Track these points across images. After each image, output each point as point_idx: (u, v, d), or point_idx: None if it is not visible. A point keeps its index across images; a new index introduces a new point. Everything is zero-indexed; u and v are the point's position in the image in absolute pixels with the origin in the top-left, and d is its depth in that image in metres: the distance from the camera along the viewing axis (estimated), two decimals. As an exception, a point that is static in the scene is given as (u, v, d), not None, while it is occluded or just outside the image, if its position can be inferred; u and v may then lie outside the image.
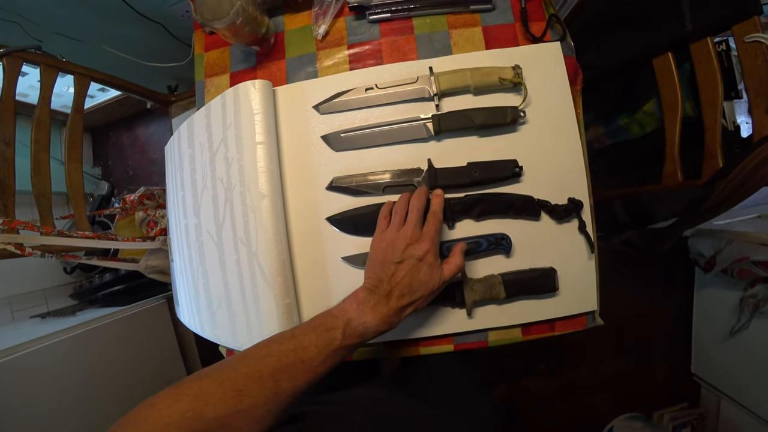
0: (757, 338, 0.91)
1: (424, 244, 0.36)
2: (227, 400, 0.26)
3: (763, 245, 0.83)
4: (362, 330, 0.33)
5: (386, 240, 0.38)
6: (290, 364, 0.29)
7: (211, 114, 0.52)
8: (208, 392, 0.26)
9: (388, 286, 0.35)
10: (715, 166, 0.55)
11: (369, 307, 0.34)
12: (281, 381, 0.28)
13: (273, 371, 0.28)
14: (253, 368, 0.28)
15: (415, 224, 0.38)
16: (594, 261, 0.47)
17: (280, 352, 0.30)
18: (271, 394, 0.27)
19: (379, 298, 0.34)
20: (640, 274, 1.17)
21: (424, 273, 0.35)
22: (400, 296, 0.35)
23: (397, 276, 0.35)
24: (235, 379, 0.27)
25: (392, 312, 0.34)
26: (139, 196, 0.92)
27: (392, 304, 0.34)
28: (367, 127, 0.48)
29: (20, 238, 0.67)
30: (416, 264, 0.35)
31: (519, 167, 0.45)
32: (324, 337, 0.31)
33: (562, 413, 1.18)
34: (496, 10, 0.50)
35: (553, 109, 0.47)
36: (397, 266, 0.36)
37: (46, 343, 0.83)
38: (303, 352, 0.30)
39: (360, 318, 0.33)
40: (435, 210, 0.40)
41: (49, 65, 0.79)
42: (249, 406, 0.26)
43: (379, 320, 0.33)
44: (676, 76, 0.59)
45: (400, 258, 0.36)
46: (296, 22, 0.54)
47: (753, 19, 0.50)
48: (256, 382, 0.27)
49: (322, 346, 0.30)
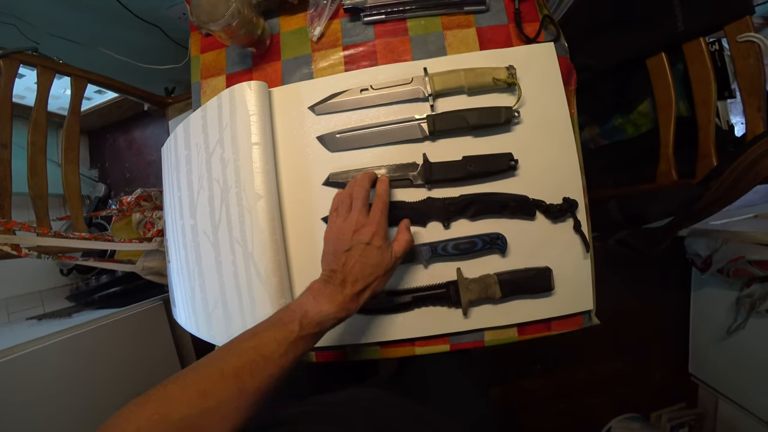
0: (754, 338, 0.91)
1: (369, 228, 0.37)
2: (192, 401, 0.27)
3: (759, 245, 0.83)
4: (318, 319, 0.33)
5: (334, 230, 0.40)
6: (251, 361, 0.29)
7: (207, 115, 0.52)
8: (172, 396, 0.27)
9: (341, 275, 0.36)
10: (709, 165, 0.55)
11: (325, 297, 0.35)
12: (244, 378, 0.28)
13: (234, 369, 0.29)
14: (215, 368, 0.29)
15: (360, 211, 0.39)
16: (589, 260, 0.47)
17: (240, 350, 0.30)
18: (236, 391, 0.28)
19: (334, 288, 0.35)
20: (637, 275, 1.17)
21: (373, 256, 0.36)
22: (354, 282, 0.35)
23: (348, 264, 0.36)
24: (198, 381, 0.28)
25: (348, 299, 0.35)
26: (136, 197, 0.92)
27: (347, 291, 0.35)
28: (362, 127, 0.48)
29: (17, 239, 0.67)
30: (364, 249, 0.36)
31: (514, 160, 0.45)
32: (282, 331, 0.32)
33: (559, 414, 1.18)
34: (490, 12, 0.51)
35: (547, 109, 0.47)
36: (346, 254, 0.37)
37: (43, 344, 0.83)
38: (263, 348, 0.30)
39: (316, 308, 0.34)
40: (379, 193, 0.41)
41: (46, 67, 0.79)
42: (214, 405, 0.27)
43: (335, 308, 0.34)
44: (670, 76, 0.59)
45: (349, 246, 0.37)
46: (291, 24, 0.55)
47: (745, 19, 0.50)
48: (219, 382, 0.28)
49: (281, 340, 0.31)
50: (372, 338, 0.47)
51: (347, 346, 0.48)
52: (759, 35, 0.49)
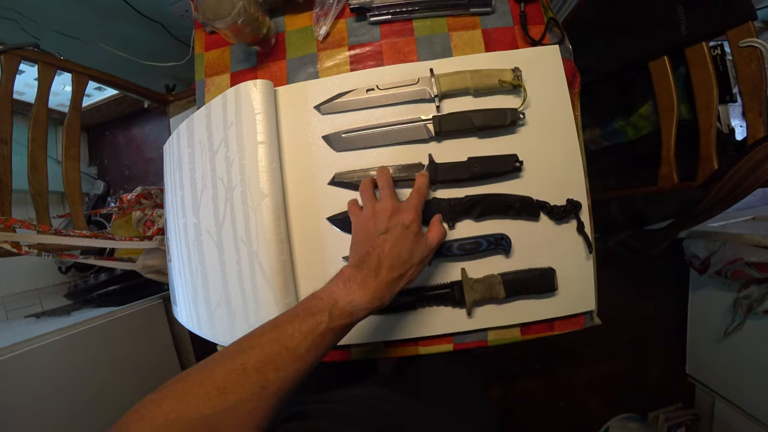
0: (751, 339, 0.92)
1: (408, 213, 0.36)
2: (211, 398, 0.24)
3: (758, 247, 0.84)
4: (350, 309, 0.30)
5: (366, 217, 0.38)
6: (275, 354, 0.27)
7: (211, 113, 0.52)
8: (190, 392, 0.25)
9: (376, 259, 0.33)
10: (710, 168, 0.56)
11: (357, 284, 0.31)
12: (267, 373, 0.26)
13: (257, 363, 0.26)
14: (237, 363, 0.26)
15: (392, 195, 0.38)
16: (592, 261, 0.47)
17: (263, 343, 0.28)
18: (258, 388, 0.25)
19: (367, 273, 0.32)
20: (635, 275, 1.18)
21: (412, 241, 0.34)
22: (391, 267, 0.33)
23: (385, 246, 0.33)
24: (217, 376, 0.26)
25: (383, 286, 0.32)
26: (136, 195, 0.91)
27: (382, 277, 0.32)
28: (367, 127, 0.48)
29: (17, 237, 0.67)
30: (403, 232, 0.34)
31: (519, 162, 0.45)
32: (309, 322, 0.29)
33: (557, 414, 1.18)
34: (496, 13, 0.51)
35: (552, 112, 0.48)
36: (383, 237, 0.34)
37: (41, 343, 0.82)
38: (288, 341, 0.28)
39: (347, 297, 0.31)
40: (419, 186, 0.40)
41: (47, 63, 0.78)
42: (235, 403, 0.25)
43: (369, 296, 0.31)
44: (672, 79, 0.60)
45: (386, 228, 0.35)
46: (297, 22, 0.55)
47: (747, 24, 0.51)
48: (240, 377, 0.26)
49: (307, 332, 0.28)
50: (376, 337, 0.48)
51: (351, 345, 0.49)
52: (761, 41, 0.50)
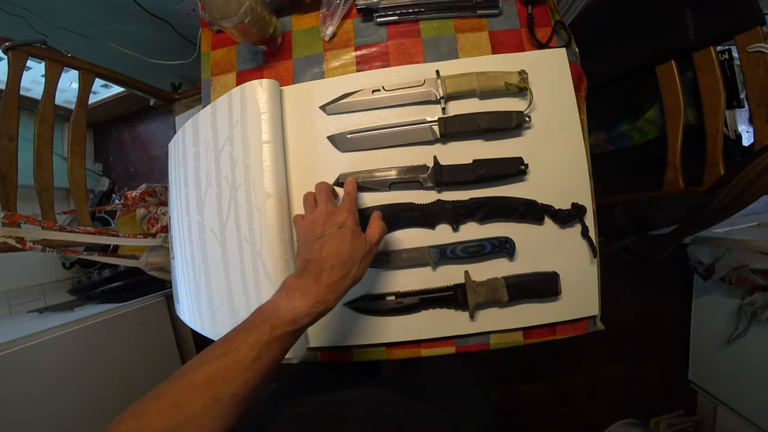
0: (755, 346, 0.91)
1: (341, 213, 0.37)
2: (164, 413, 0.26)
3: (762, 253, 0.83)
4: (292, 316, 0.31)
5: (304, 223, 0.39)
6: (222, 368, 0.28)
7: (217, 112, 0.52)
8: (146, 410, 0.26)
9: (316, 264, 0.34)
10: (716, 173, 0.55)
11: (298, 292, 0.33)
12: (216, 386, 0.28)
13: (206, 378, 0.28)
14: (187, 379, 0.28)
15: (326, 201, 0.39)
16: (596, 266, 0.47)
17: (212, 358, 0.29)
18: (209, 401, 0.27)
19: (308, 280, 0.33)
20: (639, 280, 1.17)
21: (349, 240, 0.35)
22: (331, 270, 0.34)
23: (324, 250, 0.35)
24: (171, 393, 0.27)
25: (324, 289, 0.33)
26: (140, 192, 0.92)
27: (323, 281, 0.33)
28: (373, 128, 0.48)
29: (21, 232, 0.67)
30: (339, 232, 0.35)
31: (524, 165, 0.45)
32: (253, 334, 0.30)
33: (558, 418, 1.18)
34: (503, 16, 0.51)
35: (558, 115, 0.47)
36: (320, 241, 0.35)
37: (44, 338, 0.83)
38: (234, 354, 0.29)
39: (288, 305, 0.32)
40: (348, 190, 0.42)
41: (54, 60, 0.79)
42: (188, 416, 0.26)
43: (311, 302, 0.32)
44: (679, 84, 0.59)
45: (321, 231, 0.36)
46: (304, 22, 0.55)
47: (755, 30, 0.51)
48: (190, 392, 0.27)
49: (252, 344, 0.30)
50: (378, 339, 0.48)
51: (353, 347, 0.49)
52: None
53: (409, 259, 0.47)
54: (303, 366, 0.50)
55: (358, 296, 0.48)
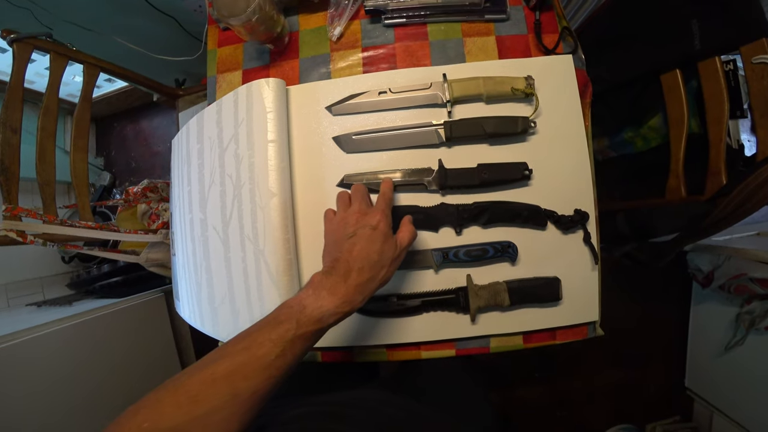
0: (752, 354, 0.91)
1: (375, 215, 0.36)
2: (182, 407, 0.25)
3: (762, 262, 0.83)
4: (318, 315, 0.31)
5: (336, 221, 0.38)
6: (244, 363, 0.28)
7: (222, 110, 0.52)
8: (163, 401, 0.26)
9: (345, 263, 0.33)
10: (718, 182, 0.56)
11: (326, 290, 0.32)
12: (237, 381, 0.27)
13: (227, 373, 0.27)
14: (207, 372, 0.27)
15: (361, 201, 0.38)
16: (597, 272, 0.47)
17: (233, 352, 0.29)
18: (229, 396, 0.26)
19: (336, 279, 0.33)
20: (639, 287, 1.17)
21: (380, 242, 0.34)
22: (360, 270, 0.33)
23: (354, 250, 0.34)
24: (189, 386, 0.27)
25: (352, 290, 0.32)
26: (142, 188, 0.91)
27: (351, 281, 0.32)
28: (378, 130, 0.48)
29: (23, 226, 0.67)
30: (371, 234, 0.34)
31: (529, 170, 0.45)
32: (277, 330, 0.29)
33: (555, 422, 1.18)
34: (510, 21, 0.51)
35: (563, 121, 0.48)
36: (351, 240, 0.35)
37: (42, 332, 0.83)
38: (257, 349, 0.28)
39: (315, 303, 0.31)
40: (384, 191, 0.41)
41: (59, 53, 0.79)
42: (206, 411, 0.25)
43: (338, 301, 0.31)
44: (683, 92, 0.60)
45: (353, 231, 0.35)
46: (311, 22, 0.55)
47: (761, 41, 0.51)
48: (210, 386, 0.26)
49: (276, 340, 0.29)
50: (379, 340, 0.48)
51: (354, 347, 0.49)
52: (775, 57, 0.50)
53: (412, 261, 0.47)
54: (303, 366, 0.50)
55: (359, 297, 0.48)
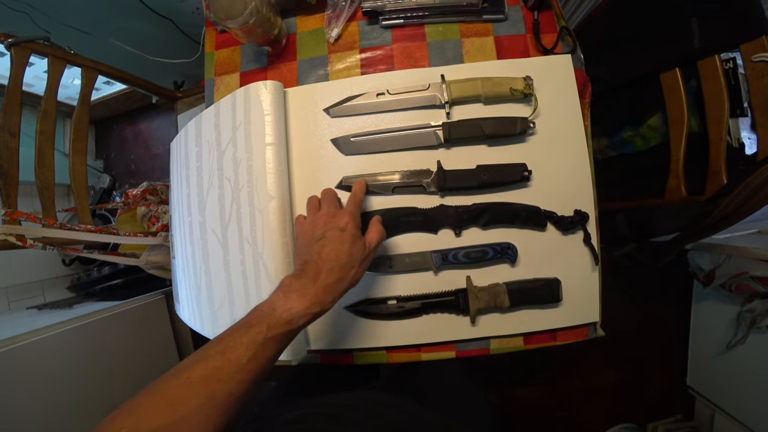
0: (753, 353, 0.91)
1: (343, 217, 0.37)
2: (160, 410, 0.26)
3: (763, 261, 0.83)
4: (288, 317, 0.31)
5: (306, 224, 0.39)
6: (218, 367, 0.28)
7: (220, 113, 0.52)
8: (141, 407, 0.26)
9: (314, 265, 0.34)
10: (719, 182, 0.56)
11: (295, 292, 0.33)
12: (212, 384, 0.28)
13: (202, 376, 0.28)
14: (183, 377, 0.28)
15: (330, 203, 0.39)
16: (597, 273, 0.47)
17: (208, 356, 0.29)
18: (205, 399, 0.27)
19: (305, 281, 0.33)
20: (639, 286, 1.17)
21: (348, 243, 0.35)
22: (330, 272, 0.34)
23: (323, 252, 0.35)
24: (166, 391, 0.27)
25: (321, 291, 0.33)
26: (141, 191, 0.91)
27: (320, 282, 0.33)
28: (377, 132, 0.48)
29: (22, 230, 0.67)
30: (339, 235, 0.35)
31: (528, 171, 0.45)
32: (249, 333, 0.30)
33: (556, 422, 1.18)
34: (509, 21, 0.51)
35: (563, 121, 0.47)
36: (320, 243, 0.35)
37: (43, 335, 0.83)
38: (230, 353, 0.29)
39: (285, 305, 0.32)
40: (355, 192, 0.41)
41: (57, 57, 0.79)
42: (184, 414, 0.26)
43: (307, 303, 0.32)
44: (683, 91, 0.59)
45: (322, 233, 0.36)
46: (309, 24, 0.55)
47: (761, 39, 0.51)
48: (186, 390, 0.27)
49: (248, 343, 0.30)
50: (379, 343, 0.48)
51: (354, 350, 0.48)
52: (774, 55, 0.50)
53: (412, 263, 0.47)
54: (303, 368, 0.50)
55: (359, 300, 0.48)
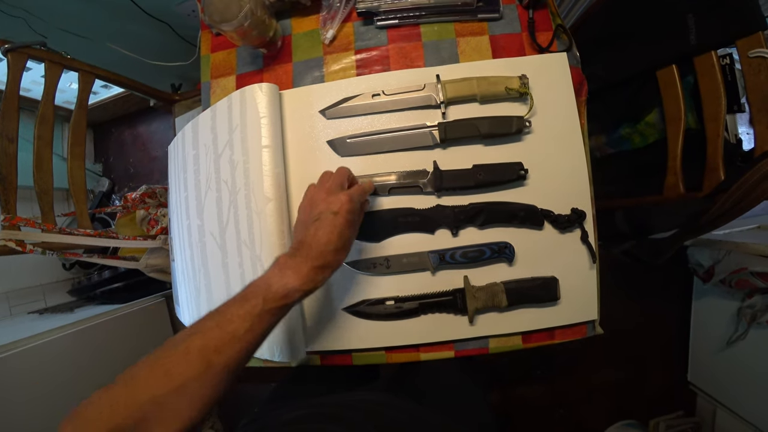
0: (754, 348, 0.91)
1: (340, 198, 0.37)
2: (158, 380, 0.27)
3: (762, 256, 0.83)
4: (284, 292, 0.33)
5: (307, 198, 0.40)
6: (215, 338, 0.29)
7: (216, 116, 0.52)
8: (138, 377, 0.27)
9: (308, 247, 0.35)
10: (716, 179, 0.55)
11: (290, 269, 0.34)
12: (209, 355, 0.28)
13: (199, 347, 0.29)
14: (181, 348, 0.29)
15: (336, 180, 0.40)
16: (595, 271, 0.47)
17: (204, 328, 0.30)
18: (202, 369, 0.28)
19: (300, 260, 0.35)
20: (639, 283, 1.17)
21: (340, 227, 0.36)
22: (321, 254, 0.35)
23: (318, 234, 0.36)
24: (163, 361, 0.28)
25: (314, 271, 0.34)
26: (140, 194, 0.91)
27: (314, 263, 0.35)
28: (373, 133, 0.48)
29: (21, 235, 0.67)
30: (332, 219, 0.36)
31: (524, 170, 0.45)
32: (245, 306, 0.31)
33: (557, 420, 1.18)
34: (504, 20, 0.50)
35: (559, 120, 0.47)
36: (315, 224, 0.37)
37: (45, 339, 0.83)
38: (227, 325, 0.30)
39: (281, 281, 0.33)
40: (364, 182, 0.43)
41: (54, 62, 0.79)
42: (181, 383, 0.27)
43: (302, 280, 0.34)
44: (680, 88, 0.59)
45: (318, 214, 0.37)
46: (304, 25, 0.55)
47: (757, 35, 0.50)
48: (183, 360, 0.28)
49: (244, 315, 0.31)
50: (378, 343, 0.48)
51: (353, 351, 0.49)
52: (771, 50, 0.49)
53: (409, 264, 0.47)
54: (302, 369, 0.51)
55: (357, 301, 0.48)
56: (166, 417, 0.26)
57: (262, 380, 1.09)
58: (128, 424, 0.25)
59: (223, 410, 1.25)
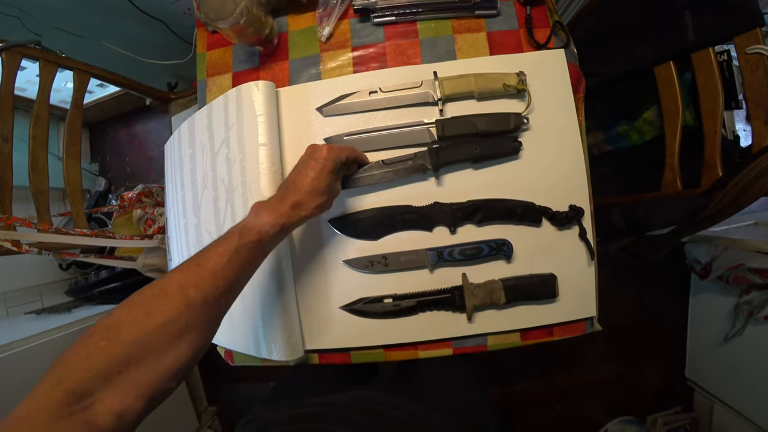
0: (751, 344, 0.92)
1: (323, 150, 0.39)
2: (138, 321, 0.27)
3: (759, 252, 0.83)
4: (258, 227, 0.34)
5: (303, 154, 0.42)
6: (194, 274, 0.30)
7: (213, 114, 0.52)
8: (119, 320, 0.27)
9: (285, 187, 0.38)
10: (714, 175, 0.55)
11: (264, 210, 0.36)
12: (188, 292, 0.29)
13: (179, 285, 0.29)
14: (158, 288, 0.29)
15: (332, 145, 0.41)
16: (593, 268, 0.47)
17: (182, 269, 0.31)
18: (183, 305, 0.28)
19: (275, 200, 0.37)
20: (636, 279, 1.17)
21: (316, 171, 0.38)
22: (296, 192, 0.37)
23: (297, 177, 0.38)
24: (143, 302, 0.28)
25: (288, 207, 0.36)
26: (137, 193, 0.91)
27: (288, 201, 0.37)
28: (370, 130, 0.48)
29: (17, 235, 0.67)
30: (311, 164, 0.38)
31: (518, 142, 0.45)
32: (222, 244, 0.33)
33: (555, 416, 1.19)
34: (501, 16, 0.50)
35: (556, 116, 0.47)
36: (297, 168, 0.39)
37: (42, 340, 0.83)
38: (204, 262, 0.31)
39: (255, 219, 0.35)
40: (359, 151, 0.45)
41: (48, 61, 0.78)
42: (162, 322, 0.27)
43: (274, 215, 0.35)
44: (677, 85, 0.59)
45: (298, 163, 0.40)
46: (300, 23, 0.54)
47: (755, 31, 0.50)
48: (163, 299, 0.28)
49: (222, 252, 0.32)
50: (376, 341, 0.48)
51: (351, 349, 0.48)
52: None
53: (407, 261, 0.47)
54: (301, 368, 0.51)
55: (355, 299, 0.48)
56: (149, 358, 0.26)
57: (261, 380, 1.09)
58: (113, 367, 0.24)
59: (222, 410, 1.25)
